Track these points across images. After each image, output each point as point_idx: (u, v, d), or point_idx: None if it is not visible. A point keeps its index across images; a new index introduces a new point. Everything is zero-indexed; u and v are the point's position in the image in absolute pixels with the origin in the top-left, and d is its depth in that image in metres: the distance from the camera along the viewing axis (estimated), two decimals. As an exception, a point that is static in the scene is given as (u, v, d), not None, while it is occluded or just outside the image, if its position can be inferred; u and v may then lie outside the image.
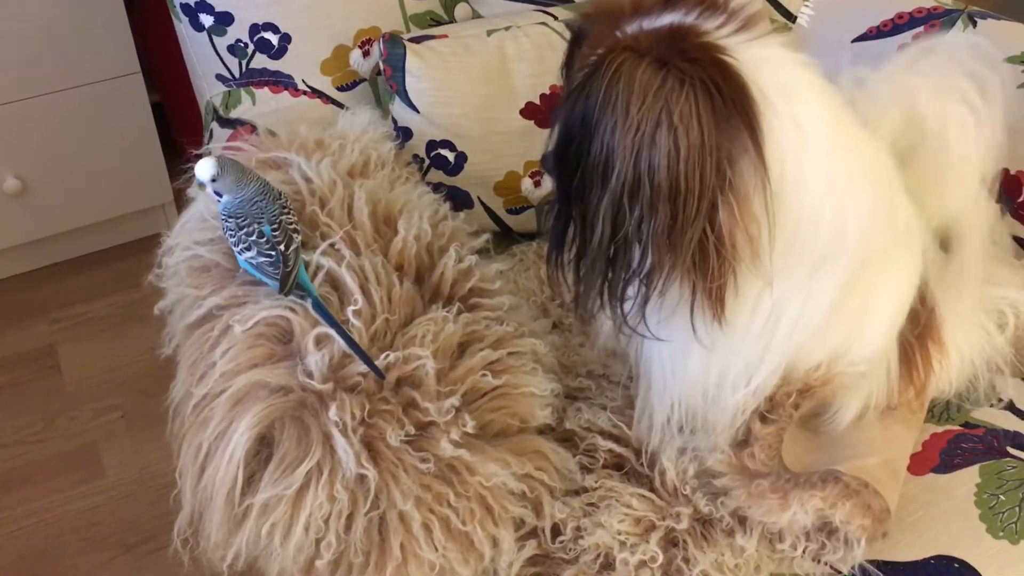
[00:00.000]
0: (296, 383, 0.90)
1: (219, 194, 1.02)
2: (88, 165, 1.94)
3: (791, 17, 1.55)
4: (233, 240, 1.01)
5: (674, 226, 0.78)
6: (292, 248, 0.98)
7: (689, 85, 0.76)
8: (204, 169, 0.98)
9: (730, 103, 0.77)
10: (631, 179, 0.77)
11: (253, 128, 1.27)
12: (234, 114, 1.31)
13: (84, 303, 2.04)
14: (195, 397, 0.93)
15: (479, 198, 1.34)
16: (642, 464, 1.05)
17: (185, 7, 1.28)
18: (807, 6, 1.56)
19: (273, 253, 0.97)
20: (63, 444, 1.79)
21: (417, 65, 1.29)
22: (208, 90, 1.34)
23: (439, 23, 1.42)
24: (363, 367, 0.92)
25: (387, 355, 0.92)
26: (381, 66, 1.31)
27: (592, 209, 0.80)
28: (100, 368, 1.93)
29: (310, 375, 0.91)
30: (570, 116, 0.81)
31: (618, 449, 1.06)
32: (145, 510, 1.68)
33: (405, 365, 0.94)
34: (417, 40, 1.32)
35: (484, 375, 0.97)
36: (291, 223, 1.00)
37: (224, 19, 1.28)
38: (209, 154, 1.26)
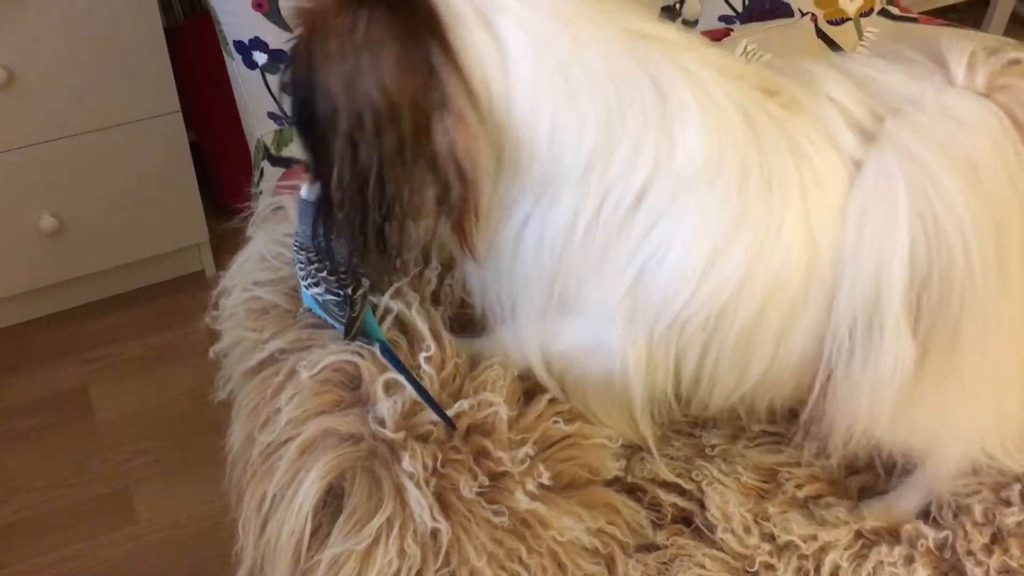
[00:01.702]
0: (367, 431, 0.86)
1: None
2: (125, 204, 1.92)
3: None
4: (302, 274, 0.97)
5: (403, 150, 0.79)
6: (360, 292, 0.95)
7: (377, 10, 0.77)
8: (304, 190, 0.97)
9: (419, 20, 0.77)
10: (352, 112, 0.78)
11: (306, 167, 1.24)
12: (286, 152, 1.29)
13: (117, 343, 2.00)
14: (259, 444, 0.89)
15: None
16: (707, 519, 1.00)
17: (239, 45, 1.26)
18: (863, 46, 1.54)
19: (341, 293, 0.94)
20: (94, 488, 1.74)
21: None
22: (259, 128, 1.31)
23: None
24: (434, 415, 0.88)
25: (461, 403, 0.88)
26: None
27: (333, 158, 0.81)
28: (133, 410, 1.89)
29: (382, 423, 0.87)
30: (294, 80, 0.83)
31: (682, 503, 1.02)
32: (179, 558, 1.63)
33: (476, 412, 0.90)
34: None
35: (556, 422, 0.93)
36: (359, 266, 0.97)
37: (278, 56, 1.26)
38: (260, 193, 1.24)
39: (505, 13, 0.80)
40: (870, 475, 1.06)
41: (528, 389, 0.97)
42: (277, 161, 1.28)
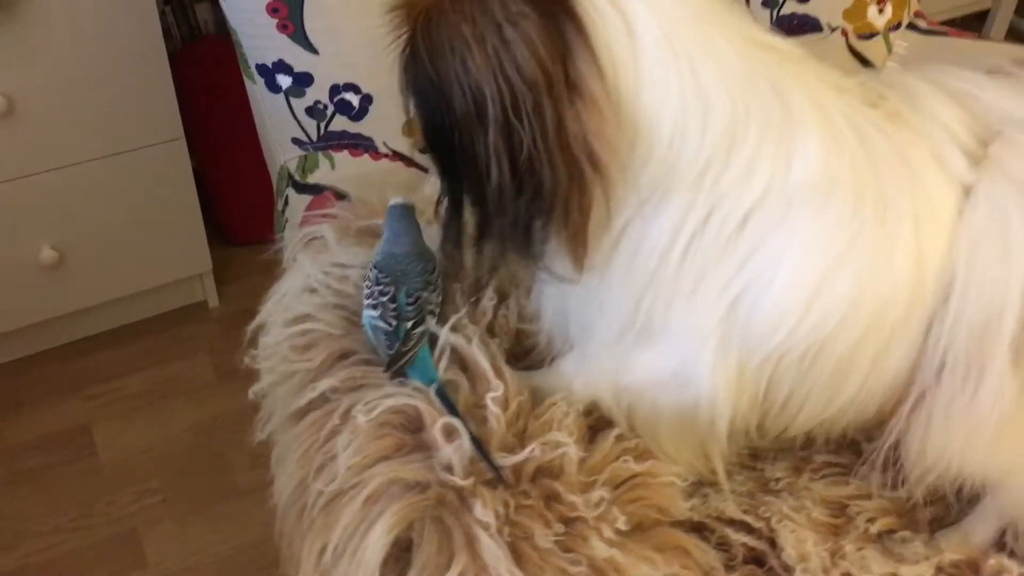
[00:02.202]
0: (434, 478, 0.81)
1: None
2: (126, 234, 1.86)
3: (876, 72, 1.49)
4: (366, 292, 0.93)
5: (561, 125, 0.73)
6: (419, 329, 0.89)
7: None
8: (397, 200, 0.97)
9: None
10: (507, 90, 0.72)
11: (336, 194, 1.18)
12: (311, 179, 1.23)
13: (119, 378, 1.94)
14: (314, 492, 0.83)
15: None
16: (782, 560, 0.95)
17: (261, 68, 1.21)
18: (893, 61, 1.50)
19: (394, 323, 0.89)
20: (102, 531, 1.67)
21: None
22: (283, 154, 1.26)
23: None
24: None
25: (532, 448, 0.83)
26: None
27: (483, 156, 0.75)
28: (138, 448, 1.82)
29: (449, 468, 0.81)
30: (418, 87, 0.77)
31: (752, 542, 0.97)
32: (193, 603, 1.57)
33: (545, 454, 0.85)
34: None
35: (625, 461, 0.88)
36: (430, 301, 0.93)
37: (303, 80, 1.21)
38: (287, 222, 1.18)
39: None
40: (940, 506, 1.01)
41: (591, 425, 0.92)
42: (304, 188, 1.23)
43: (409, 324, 0.89)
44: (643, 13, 0.75)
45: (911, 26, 1.53)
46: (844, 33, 1.47)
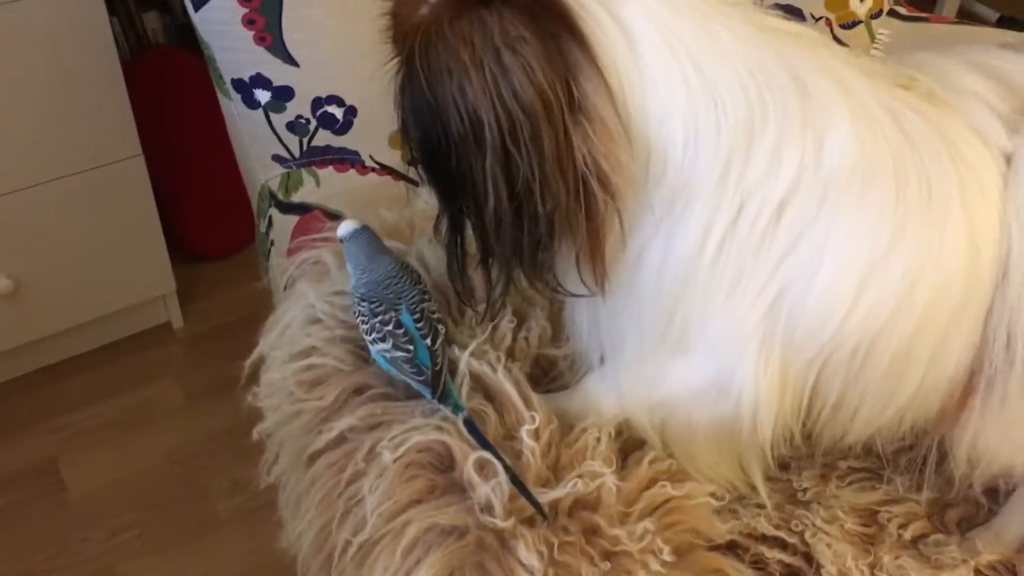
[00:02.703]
0: (472, 521, 0.76)
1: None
2: (85, 258, 1.77)
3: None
4: (366, 328, 0.87)
5: (559, 150, 0.71)
6: (439, 343, 0.85)
7: (496, 7, 0.70)
8: (342, 228, 0.90)
9: (543, 11, 0.70)
10: (504, 117, 0.70)
11: (326, 213, 1.13)
12: (296, 198, 1.17)
13: (85, 408, 1.85)
14: (340, 542, 0.77)
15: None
16: (817, 573, 0.92)
17: (237, 83, 1.14)
18: (877, 48, 1.49)
19: (412, 348, 0.84)
20: (77, 571, 1.59)
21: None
22: (263, 173, 1.20)
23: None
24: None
25: (574, 481, 0.78)
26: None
27: (480, 181, 0.73)
28: (108, 480, 1.74)
29: (488, 509, 0.76)
30: (415, 114, 0.75)
31: (788, 559, 0.93)
32: (178, 641, 1.50)
33: (583, 486, 0.80)
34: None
35: (663, 486, 0.84)
36: (433, 311, 0.87)
37: (283, 94, 1.14)
38: (272, 244, 1.12)
39: (631, 3, 0.72)
40: (968, 506, 0.99)
41: (620, 447, 0.88)
42: (288, 208, 1.17)
43: (428, 342, 0.84)
44: (640, 19, 0.72)
45: (892, 13, 1.51)
46: (828, 23, 1.44)
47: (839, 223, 0.74)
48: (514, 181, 0.72)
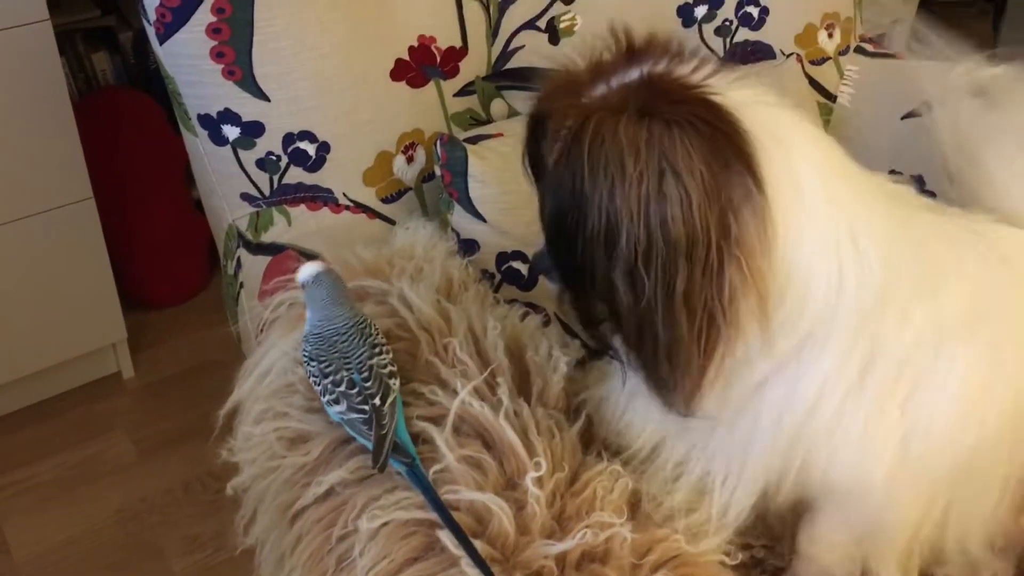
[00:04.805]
0: (476, 580, 0.70)
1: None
2: (32, 304, 1.69)
3: (831, 97, 1.47)
4: (319, 389, 0.84)
5: (691, 287, 0.71)
6: (389, 401, 0.80)
7: (679, 128, 0.70)
8: (305, 271, 0.86)
9: (726, 143, 0.71)
10: (643, 240, 0.70)
11: (302, 253, 1.07)
12: (266, 238, 1.12)
13: (29, 465, 1.75)
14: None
15: (555, 314, 1.17)
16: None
17: (204, 119, 1.09)
18: (846, 84, 1.48)
19: (366, 408, 0.79)
20: (25, 645, 1.50)
21: (480, 168, 1.13)
22: (230, 212, 1.14)
23: (479, 122, 1.27)
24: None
25: (583, 533, 0.73)
26: (439, 172, 1.14)
27: (603, 283, 0.74)
28: (56, 542, 1.64)
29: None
30: (558, 193, 0.74)
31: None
32: None
33: (592, 537, 0.75)
34: (473, 141, 1.16)
35: (676, 539, 0.79)
36: (384, 366, 0.83)
37: (253, 130, 1.09)
38: (241, 287, 1.07)
39: (799, 151, 0.75)
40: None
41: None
42: (258, 249, 1.11)
43: (376, 400, 0.80)
44: (808, 169, 0.74)
45: (859, 49, 1.51)
46: (799, 59, 1.44)
47: (954, 366, 0.80)
48: (637, 298, 0.72)
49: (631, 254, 0.70)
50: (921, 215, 0.85)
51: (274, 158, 1.11)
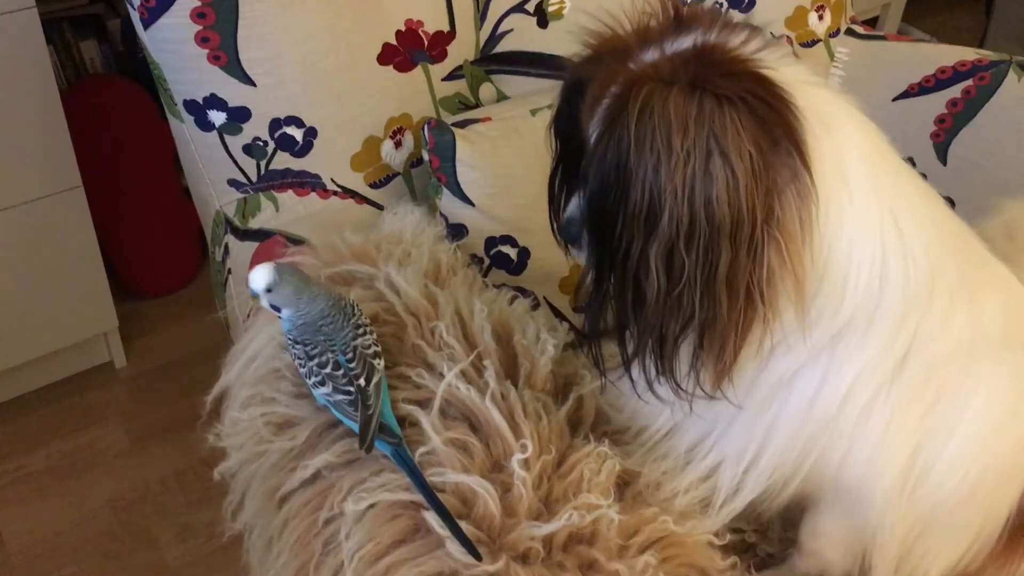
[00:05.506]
0: (459, 565, 0.70)
1: (277, 308, 0.84)
2: (23, 294, 1.68)
3: (822, 80, 1.46)
4: (304, 371, 0.83)
5: (735, 268, 0.70)
6: (374, 382, 0.79)
7: (729, 104, 0.68)
8: (259, 277, 0.82)
9: (777, 121, 0.69)
10: (686, 217, 0.69)
11: (289, 239, 1.07)
12: (254, 224, 1.11)
13: (22, 455, 1.75)
14: (319, 591, 0.71)
15: (544, 298, 1.17)
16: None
17: (190, 104, 1.08)
18: (837, 67, 1.48)
19: (352, 389, 0.79)
20: (19, 634, 1.50)
21: (469, 153, 1.12)
22: (217, 199, 1.13)
23: (467, 106, 1.27)
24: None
25: (569, 515, 0.73)
26: (427, 156, 1.13)
27: (637, 263, 0.72)
28: (50, 532, 1.64)
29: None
30: (602, 165, 0.72)
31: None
32: None
33: (579, 518, 0.75)
34: (461, 125, 1.16)
35: (664, 520, 0.79)
36: (368, 346, 0.82)
37: (239, 115, 1.09)
38: (230, 273, 1.07)
39: (846, 135, 0.74)
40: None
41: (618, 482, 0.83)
42: (246, 235, 1.10)
43: (361, 381, 0.79)
44: (854, 157, 0.73)
45: (849, 31, 1.50)
46: (789, 41, 1.43)
47: (981, 385, 0.79)
48: (674, 277, 0.70)
49: (672, 233, 0.69)
50: (951, 211, 0.84)
51: (261, 143, 1.10)
